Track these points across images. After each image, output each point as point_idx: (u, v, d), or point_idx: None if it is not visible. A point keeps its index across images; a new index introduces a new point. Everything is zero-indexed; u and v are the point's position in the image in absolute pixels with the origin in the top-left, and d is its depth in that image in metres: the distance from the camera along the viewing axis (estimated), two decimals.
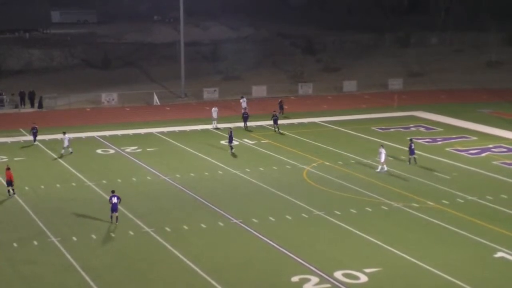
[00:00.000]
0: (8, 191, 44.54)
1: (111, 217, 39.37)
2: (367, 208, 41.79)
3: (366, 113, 69.82)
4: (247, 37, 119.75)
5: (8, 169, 45.02)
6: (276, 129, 61.43)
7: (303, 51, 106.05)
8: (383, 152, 48.91)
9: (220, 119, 64.19)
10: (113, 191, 39.89)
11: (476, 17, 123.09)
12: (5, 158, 52.47)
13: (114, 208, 39.17)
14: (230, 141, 54.63)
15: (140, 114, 70.26)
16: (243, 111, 64.88)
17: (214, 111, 63.18)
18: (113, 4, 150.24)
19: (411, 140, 51.85)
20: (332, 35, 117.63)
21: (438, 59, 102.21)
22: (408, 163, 50.73)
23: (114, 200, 39.18)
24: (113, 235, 37.80)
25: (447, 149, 55.67)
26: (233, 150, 54.46)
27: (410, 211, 41.41)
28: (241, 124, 62.95)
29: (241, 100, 68.81)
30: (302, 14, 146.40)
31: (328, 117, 67.83)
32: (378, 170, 48.99)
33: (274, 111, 63.20)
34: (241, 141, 58.08)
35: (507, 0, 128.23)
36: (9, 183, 44.49)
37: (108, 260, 34.72)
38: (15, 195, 44.34)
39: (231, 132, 55.02)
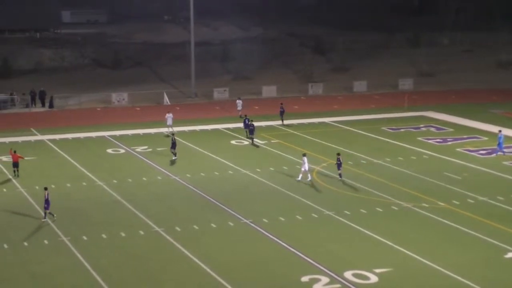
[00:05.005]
0: (14, 171, 47.93)
1: (45, 214, 39.75)
2: (377, 208, 41.73)
3: (377, 113, 69.68)
4: (256, 37, 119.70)
5: (15, 152, 48.19)
6: (251, 140, 57.30)
7: (313, 51, 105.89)
8: (305, 161, 46.82)
9: (225, 120, 63.96)
10: (45, 188, 40.13)
11: (487, 17, 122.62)
12: None
13: (48, 205, 39.69)
14: (173, 147, 52.44)
15: (150, 113, 70.34)
16: (239, 113, 64.74)
17: (169, 117, 60.68)
18: (124, 4, 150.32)
19: (338, 154, 48.09)
20: (341, 35, 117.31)
21: (449, 59, 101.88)
22: (339, 177, 47.53)
23: (48, 197, 39.74)
24: (123, 234, 37.88)
25: (457, 149, 55.51)
26: (176, 158, 52.38)
27: (421, 211, 41.32)
28: (240, 125, 60.91)
29: (237, 102, 67.62)
30: (311, 14, 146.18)
31: (338, 117, 67.73)
32: (299, 178, 46.87)
33: (252, 121, 57.81)
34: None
35: None
36: (15, 164, 47.87)
37: (118, 259, 34.80)
38: (15, 179, 46.73)
39: (173, 138, 53.17)
